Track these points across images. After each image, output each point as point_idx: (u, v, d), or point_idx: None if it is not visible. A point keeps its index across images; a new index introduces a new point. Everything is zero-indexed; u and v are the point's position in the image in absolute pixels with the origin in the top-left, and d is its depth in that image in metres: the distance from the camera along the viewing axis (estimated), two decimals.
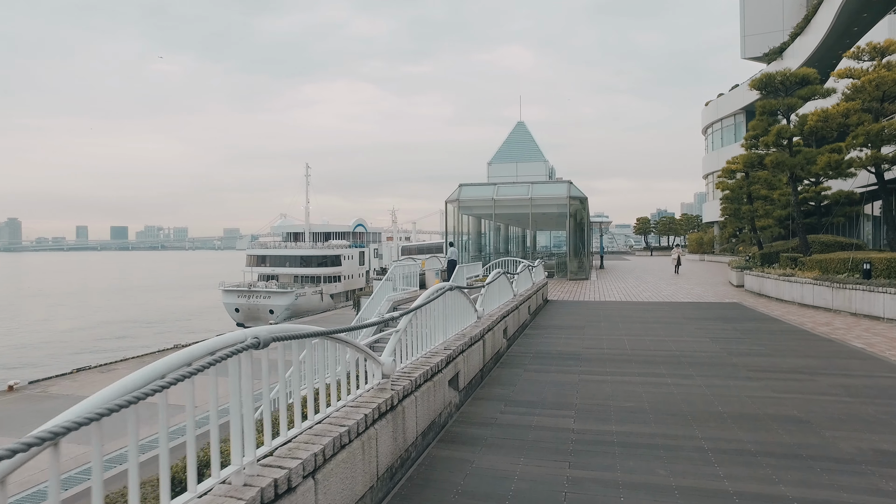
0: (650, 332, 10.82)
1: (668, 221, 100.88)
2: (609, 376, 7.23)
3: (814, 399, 6.01)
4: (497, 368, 7.82)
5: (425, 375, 4.94)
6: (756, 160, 17.35)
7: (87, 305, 66.14)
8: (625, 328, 11.47)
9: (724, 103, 55.73)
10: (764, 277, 17.63)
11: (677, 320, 12.65)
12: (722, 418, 5.38)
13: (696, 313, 13.97)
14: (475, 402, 6.21)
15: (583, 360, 8.31)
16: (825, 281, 13.99)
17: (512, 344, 9.69)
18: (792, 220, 26.29)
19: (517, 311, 10.61)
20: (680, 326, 11.66)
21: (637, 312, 14.18)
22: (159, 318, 54.66)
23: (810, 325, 11.61)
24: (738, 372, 7.34)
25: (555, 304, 16.26)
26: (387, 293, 17.97)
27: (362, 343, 4.16)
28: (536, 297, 14.27)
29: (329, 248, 67.98)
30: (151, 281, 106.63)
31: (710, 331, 11.00)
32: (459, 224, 30.99)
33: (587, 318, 13.24)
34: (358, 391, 4.03)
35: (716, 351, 8.84)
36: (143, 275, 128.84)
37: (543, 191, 27.67)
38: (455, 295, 6.82)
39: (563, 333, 10.89)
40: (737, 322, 12.35)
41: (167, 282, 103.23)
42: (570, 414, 5.65)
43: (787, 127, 16.65)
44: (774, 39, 48.13)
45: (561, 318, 13.37)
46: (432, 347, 5.72)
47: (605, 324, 12.14)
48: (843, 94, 15.58)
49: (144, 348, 31.86)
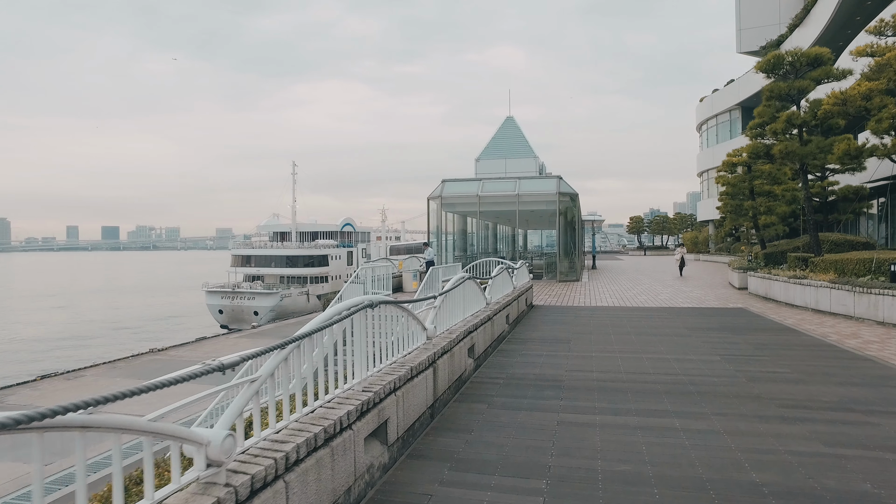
0: (648, 348, 9.09)
1: (662, 220, 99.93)
2: (598, 415, 5.49)
3: (889, 459, 4.27)
4: (454, 403, 6.06)
5: (310, 444, 3.17)
6: (762, 150, 15.68)
7: (64, 307, 63.89)
8: (618, 342, 9.73)
9: (719, 99, 54.33)
10: (771, 279, 15.97)
11: (679, 331, 10.93)
12: (761, 497, 3.65)
13: (699, 321, 12.26)
14: (411, 462, 4.45)
15: (565, 389, 6.56)
16: (844, 284, 12.32)
17: (481, 365, 7.94)
18: (795, 218, 24.72)
19: (490, 323, 8.86)
20: (683, 339, 9.93)
21: (632, 321, 12.46)
22: (138, 321, 52.63)
23: (835, 338, 9.92)
24: (767, 408, 5.62)
25: (540, 311, 14.52)
26: (353, 297, 16.10)
27: None
28: (518, 304, 12.53)
29: (316, 247, 66.85)
30: (138, 282, 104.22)
31: (718, 345, 9.28)
32: (444, 222, 29.22)
33: (575, 328, 11.50)
34: None
35: (731, 374, 7.11)
36: (132, 275, 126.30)
37: (531, 186, 25.91)
38: (390, 311, 5.08)
39: (544, 350, 9.13)
40: (747, 333, 10.65)
41: (155, 282, 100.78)
42: (541, 488, 3.89)
43: (798, 113, 14.95)
44: (771, 33, 46.85)
45: (545, 328, 11.63)
46: (334, 395, 3.94)
47: (596, 336, 10.40)
48: (863, 74, 13.90)
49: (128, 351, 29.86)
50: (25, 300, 72.46)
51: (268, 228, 77.49)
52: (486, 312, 8.77)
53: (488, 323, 8.73)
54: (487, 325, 8.64)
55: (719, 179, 23.11)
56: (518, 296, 12.55)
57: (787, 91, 14.87)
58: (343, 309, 3.95)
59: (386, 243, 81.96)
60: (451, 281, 6.96)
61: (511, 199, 25.72)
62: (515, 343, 9.76)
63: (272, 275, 58.04)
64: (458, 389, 6.56)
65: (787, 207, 21.53)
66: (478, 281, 8.82)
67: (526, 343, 9.77)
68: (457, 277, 7.17)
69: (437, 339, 6.16)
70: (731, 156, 21.55)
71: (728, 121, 54.02)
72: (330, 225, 79.26)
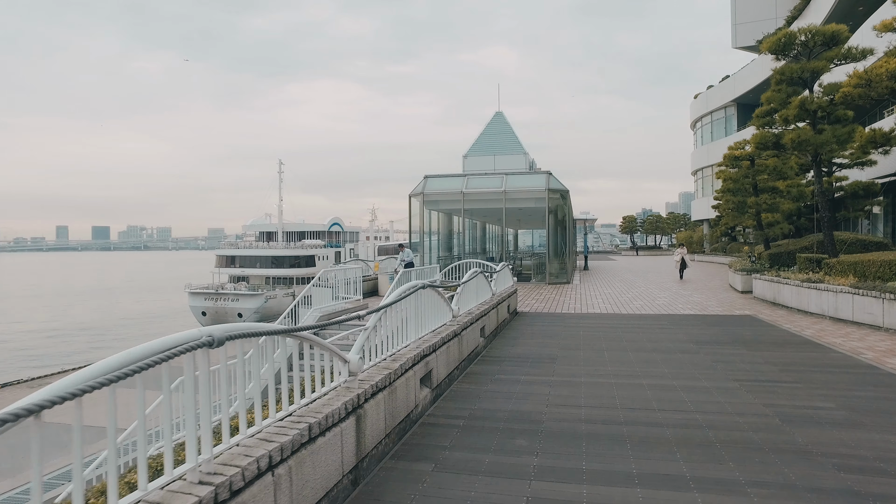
0: (650, 370, 7.48)
1: (656, 220, 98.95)
2: (585, 486, 3.86)
3: None
4: (391, 460, 4.42)
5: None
6: (771, 140, 14.13)
7: (39, 309, 61.72)
8: (613, 361, 8.12)
9: (714, 95, 53.09)
10: (780, 283, 14.42)
11: (683, 345, 9.33)
12: None
13: (705, 333, 10.66)
14: None
15: (544, 436, 4.93)
16: (871, 290, 10.76)
17: (442, 395, 6.30)
18: (799, 216, 23.24)
19: (457, 340, 7.22)
20: (689, 357, 8.33)
21: (629, 332, 10.86)
22: (116, 322, 50.76)
23: (870, 355, 8.34)
24: (823, 472, 4.00)
25: (525, 319, 12.91)
26: (319, 303, 14.52)
27: None
28: (498, 312, 10.91)
29: (302, 248, 65.84)
30: (126, 282, 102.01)
31: (733, 365, 7.69)
32: (429, 221, 27.57)
33: (563, 341, 9.88)
34: None
35: (758, 412, 5.51)
36: (120, 275, 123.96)
37: (519, 182, 24.28)
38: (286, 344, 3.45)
39: (524, 372, 7.50)
40: (764, 348, 9.06)
41: (142, 283, 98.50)
42: None
43: (812, 97, 13.38)
44: (768, 27, 45.63)
45: (528, 342, 10.00)
46: None
47: (587, 352, 8.79)
48: (887, 51, 12.34)
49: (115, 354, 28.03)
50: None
51: (254, 228, 76.17)
52: (451, 328, 7.13)
53: (454, 341, 7.09)
54: (452, 343, 7.00)
55: (720, 174, 21.52)
56: (498, 303, 10.93)
57: (799, 73, 13.29)
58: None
59: (375, 243, 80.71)
60: (396, 292, 5.31)
61: (497, 196, 24.10)
62: (490, 363, 8.12)
63: (257, 276, 56.72)
64: (403, 436, 4.93)
65: (792, 204, 20.01)
66: (440, 290, 7.17)
67: (503, 363, 8.14)
68: (405, 287, 5.52)
69: (368, 373, 4.52)
70: (732, 149, 19.98)
71: (723, 117, 52.74)
72: (317, 225, 78.09)
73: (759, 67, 44.25)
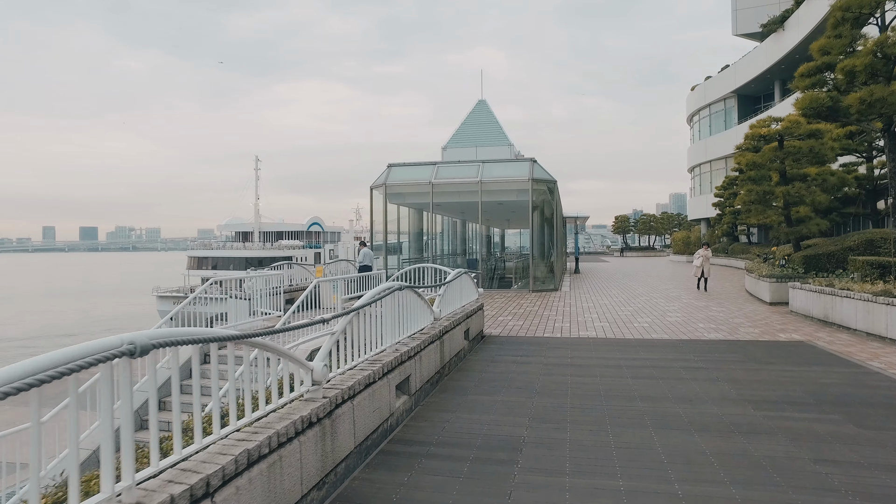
0: (700, 490, 3.76)
1: (649, 220, 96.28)
2: None
3: None
4: None
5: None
6: (825, 105, 10.50)
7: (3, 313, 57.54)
8: (623, 458, 4.36)
9: (713, 87, 49.83)
10: (835, 296, 10.77)
11: (736, 408, 5.59)
12: None
13: (759, 380, 6.92)
14: None
15: None
16: None
17: None
18: (830, 211, 19.62)
19: (320, 428, 3.48)
20: (757, 446, 4.59)
21: (640, 378, 7.11)
22: (77, 326, 47.13)
23: None
24: None
25: (489, 349, 9.14)
26: (235, 320, 11.09)
27: None
28: (441, 350, 7.12)
29: (279, 248, 63.19)
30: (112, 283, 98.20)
31: (854, 473, 3.99)
32: (397, 218, 23.77)
33: (538, 401, 6.11)
34: None
35: None
36: (104, 277, 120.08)
37: (498, 171, 20.50)
38: None
39: (444, 500, 3.75)
40: (866, 415, 5.36)
41: (125, 284, 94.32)
42: None
43: (887, 37, 9.70)
44: (771, 10, 42.52)
45: (480, 401, 6.22)
46: None
47: (575, 433, 5.01)
48: None
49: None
50: None
51: (230, 227, 73.01)
52: (303, 412, 3.38)
53: (299, 442, 3.34)
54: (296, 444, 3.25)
55: (739, 158, 17.73)
56: (442, 333, 7.16)
57: (869, 5, 9.65)
58: None
59: (356, 244, 77.29)
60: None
61: (473, 188, 20.33)
62: (397, 468, 4.35)
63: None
64: None
65: (824, 196, 16.37)
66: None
67: (414, 466, 4.37)
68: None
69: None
70: (755, 127, 16.22)
71: (722, 110, 49.49)
72: (296, 224, 75.22)
73: (763, 55, 40.95)
